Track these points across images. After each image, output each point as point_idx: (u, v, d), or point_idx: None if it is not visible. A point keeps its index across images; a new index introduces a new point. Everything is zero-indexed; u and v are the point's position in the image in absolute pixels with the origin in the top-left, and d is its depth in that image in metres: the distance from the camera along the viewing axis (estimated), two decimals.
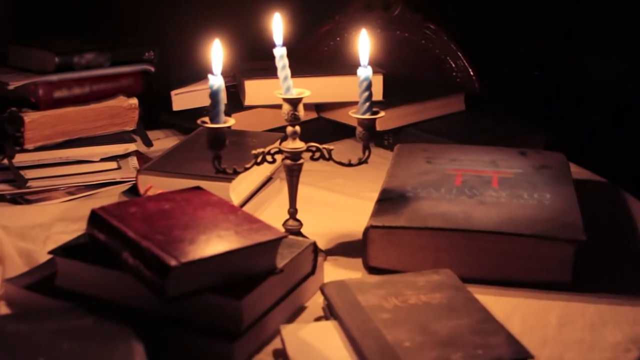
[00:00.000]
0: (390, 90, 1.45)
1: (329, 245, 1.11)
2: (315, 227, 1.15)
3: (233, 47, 1.64)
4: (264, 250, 0.86)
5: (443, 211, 1.04)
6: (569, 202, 1.07)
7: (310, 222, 1.17)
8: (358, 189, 1.30)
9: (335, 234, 1.14)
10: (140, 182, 1.14)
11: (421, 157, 1.23)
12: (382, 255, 1.02)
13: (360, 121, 1.03)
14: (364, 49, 1.02)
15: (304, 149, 1.03)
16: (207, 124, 0.98)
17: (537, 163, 1.20)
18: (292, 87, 1.01)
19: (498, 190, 1.10)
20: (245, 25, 1.65)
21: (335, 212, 1.21)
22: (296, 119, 1.01)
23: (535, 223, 1.01)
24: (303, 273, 0.95)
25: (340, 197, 1.26)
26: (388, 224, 1.01)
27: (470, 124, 1.49)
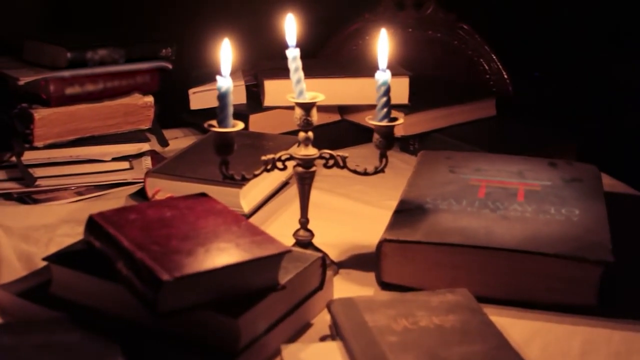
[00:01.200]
0: (417, 93, 1.39)
1: (342, 257, 1.05)
2: (329, 237, 1.09)
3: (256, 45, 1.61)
4: (265, 266, 0.81)
5: (463, 226, 0.98)
6: (599, 219, 1.01)
7: (324, 232, 1.11)
8: (378, 197, 1.24)
9: (349, 245, 1.08)
10: (149, 185, 1.10)
11: (444, 165, 1.17)
12: (396, 270, 0.96)
13: (377, 128, 0.97)
14: (383, 50, 0.97)
15: (316, 156, 0.98)
16: (214, 128, 0.93)
17: (567, 175, 1.14)
18: (305, 90, 0.96)
19: (523, 204, 1.04)
20: (269, 22, 1.60)
21: (352, 221, 1.16)
22: (309, 124, 0.96)
23: (561, 241, 0.94)
24: (310, 288, 0.90)
25: (359, 205, 1.21)
26: (403, 238, 0.96)
27: (501, 130, 1.42)
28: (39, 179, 1.20)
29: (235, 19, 1.44)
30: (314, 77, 1.35)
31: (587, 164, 1.19)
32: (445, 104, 1.39)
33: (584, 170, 1.16)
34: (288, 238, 1.01)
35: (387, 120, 0.97)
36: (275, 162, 0.97)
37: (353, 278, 1.00)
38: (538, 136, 1.39)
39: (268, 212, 1.12)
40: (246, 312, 0.79)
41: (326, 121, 1.40)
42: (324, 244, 1.06)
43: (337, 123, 1.41)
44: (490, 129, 1.41)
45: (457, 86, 1.52)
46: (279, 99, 1.34)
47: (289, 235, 1.01)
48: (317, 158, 0.98)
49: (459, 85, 1.53)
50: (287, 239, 1.02)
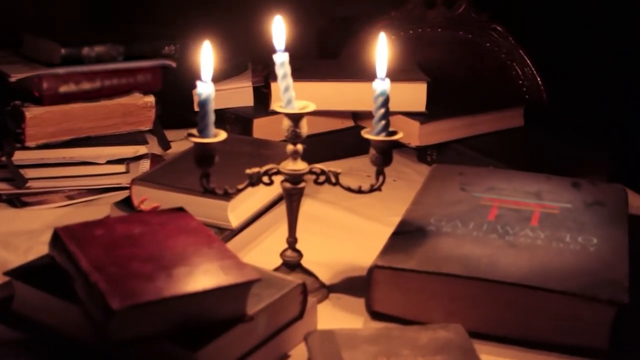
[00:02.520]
0: (439, 99, 1.30)
1: (334, 279, 0.97)
2: (324, 256, 1.02)
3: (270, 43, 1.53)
4: (230, 295, 0.74)
5: (464, 253, 0.89)
6: (618, 250, 0.91)
7: (319, 249, 1.03)
8: (385, 212, 1.15)
9: (345, 266, 1.00)
10: (134, 193, 1.03)
11: (456, 182, 1.08)
12: (387, 299, 0.88)
13: (373, 143, 0.89)
14: (382, 57, 0.88)
15: (305, 172, 0.90)
16: (193, 138, 0.86)
17: (590, 198, 1.03)
18: (294, 99, 0.88)
19: (536, 230, 0.94)
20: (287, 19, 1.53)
21: (352, 239, 1.07)
22: (297, 136, 0.88)
23: (572, 276, 0.85)
24: (287, 318, 0.82)
25: (362, 220, 1.12)
26: (396, 265, 0.87)
27: (528, 142, 1.32)
28: (31, 180, 1.14)
29: (250, 15, 1.37)
30: (324, 80, 1.28)
31: (614, 184, 1.09)
32: (467, 113, 1.30)
33: (609, 191, 1.06)
34: (278, 257, 0.94)
35: (384, 134, 0.88)
36: (261, 177, 0.90)
37: (343, 304, 0.92)
38: (568, 150, 1.28)
39: (261, 228, 1.04)
40: (207, 346, 0.72)
41: (339, 127, 1.32)
42: (316, 264, 0.98)
43: (350, 129, 1.32)
44: (516, 141, 1.31)
45: (484, 92, 1.42)
46: None
47: (277, 255, 0.93)
48: (307, 173, 0.90)
49: (487, 91, 1.43)
50: (277, 257, 0.94)
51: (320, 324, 0.87)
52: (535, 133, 1.34)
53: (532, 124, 1.39)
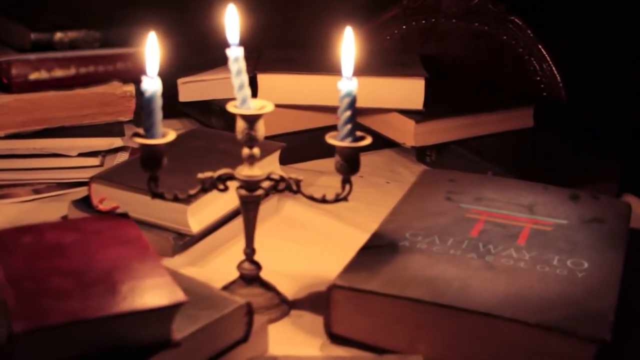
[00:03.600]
0: (440, 96, 1.21)
1: (299, 294, 0.89)
2: (292, 266, 0.94)
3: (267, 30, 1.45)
4: (152, 318, 0.66)
5: (435, 274, 0.80)
6: (609, 277, 0.81)
7: (289, 258, 0.96)
8: (372, 217, 1.06)
9: (313, 279, 0.92)
10: (93, 191, 0.96)
11: (443, 190, 0.98)
12: (347, 322, 0.80)
13: (338, 149, 0.80)
14: (348, 54, 0.79)
15: (262, 178, 0.82)
16: (138, 139, 0.78)
17: (589, 213, 0.94)
18: (249, 98, 0.80)
19: (522, 250, 0.85)
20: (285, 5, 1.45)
21: (328, 247, 0.99)
22: (252, 139, 0.80)
23: (551, 306, 0.75)
24: (230, 340, 0.75)
25: (344, 227, 1.04)
26: (356, 285, 0.79)
27: (535, 146, 1.21)
28: None
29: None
30: (317, 73, 1.20)
31: (617, 199, 0.99)
32: (469, 112, 1.20)
33: (610, 207, 0.96)
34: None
35: (350, 140, 0.80)
36: (215, 182, 0.82)
37: (303, 323, 0.84)
38: (578, 155, 1.17)
39: (228, 234, 0.96)
40: None
41: (333, 123, 1.22)
42: (282, 275, 0.91)
43: None
44: (522, 144, 1.21)
45: (494, 89, 1.31)
46: (274, 95, 1.18)
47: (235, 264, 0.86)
48: (264, 180, 0.82)
49: (497, 88, 1.33)
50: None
51: (273, 345, 0.79)
52: (545, 135, 1.24)
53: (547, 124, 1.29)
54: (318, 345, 0.80)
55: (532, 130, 1.25)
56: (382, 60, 1.25)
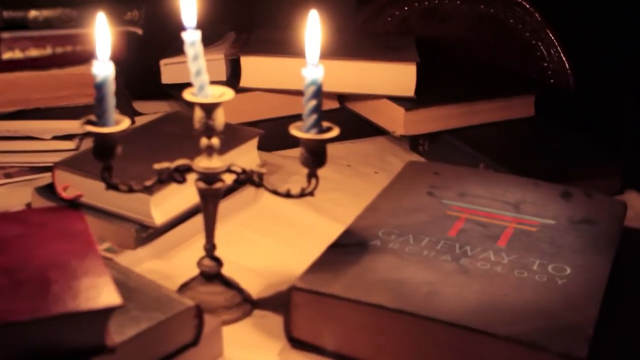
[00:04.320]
0: (435, 82, 1.15)
1: (264, 292, 0.84)
2: (262, 262, 0.89)
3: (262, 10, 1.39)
4: (83, 322, 0.62)
5: (403, 278, 0.75)
6: (593, 285, 0.75)
7: (259, 253, 0.91)
8: (354, 209, 0.98)
9: (282, 276, 0.86)
10: (57, 178, 0.92)
11: (426, 184, 0.93)
12: (308, 326, 0.75)
13: (302, 141, 0.75)
14: (313, 39, 0.74)
15: (222, 170, 0.77)
16: (89, 127, 0.74)
17: (580, 213, 0.87)
18: (207, 85, 0.75)
19: (501, 252, 0.79)
20: None
21: (303, 242, 0.93)
22: (210, 129, 0.75)
23: (525, 317, 0.70)
24: (178, 344, 0.70)
25: (322, 220, 0.98)
26: (317, 288, 0.74)
27: (534, 137, 1.14)
28: None
29: None
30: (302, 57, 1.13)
31: (613, 198, 0.93)
32: (465, 100, 1.13)
33: (604, 206, 0.89)
34: None
35: (315, 132, 0.75)
36: (172, 174, 0.77)
37: (265, 324, 0.79)
38: (580, 147, 1.11)
39: (195, 227, 0.91)
40: None
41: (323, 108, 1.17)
42: (250, 271, 0.86)
43: (334, 112, 1.18)
44: (520, 134, 1.14)
45: (495, 76, 1.25)
46: (259, 79, 1.13)
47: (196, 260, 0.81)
48: (224, 172, 0.77)
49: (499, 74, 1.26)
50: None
51: (230, 348, 0.75)
52: (546, 126, 1.17)
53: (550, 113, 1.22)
54: (278, 349, 0.76)
55: (533, 119, 1.19)
56: (375, 44, 1.18)
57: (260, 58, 1.12)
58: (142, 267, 0.87)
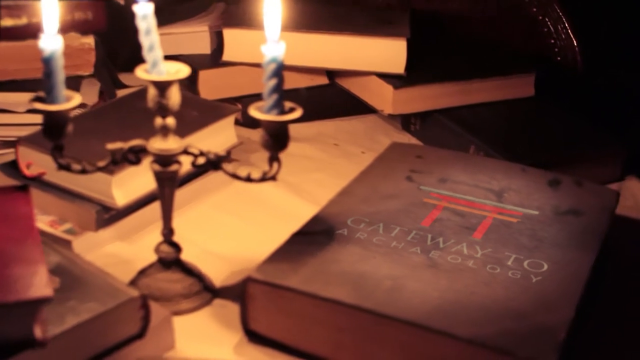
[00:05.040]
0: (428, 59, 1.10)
1: (229, 280, 0.80)
2: (229, 248, 0.85)
3: None
4: (10, 314, 0.58)
5: (365, 271, 0.70)
6: (571, 284, 0.69)
7: (228, 237, 0.87)
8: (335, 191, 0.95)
9: (249, 263, 0.81)
10: (21, 155, 0.88)
11: (406, 167, 0.88)
12: (266, 319, 0.70)
13: (262, 123, 0.70)
14: (272, 15, 0.69)
15: (178, 152, 0.72)
16: (38, 104, 0.70)
17: (566, 203, 0.82)
18: (161, 61, 0.70)
19: (476, 245, 0.74)
20: None
21: (276, 226, 0.87)
22: (164, 108, 0.70)
23: (492, 317, 0.65)
24: (122, 336, 0.66)
25: (300, 202, 0.93)
26: (274, 280, 0.69)
27: (531, 119, 1.08)
28: None
29: None
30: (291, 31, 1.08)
31: (605, 188, 0.87)
32: (458, 78, 1.07)
33: (594, 196, 0.84)
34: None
35: (276, 112, 0.70)
36: (126, 154, 0.73)
37: (224, 315, 0.75)
38: (579, 131, 1.04)
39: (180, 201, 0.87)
40: None
41: (309, 84, 1.12)
42: (216, 258, 0.82)
43: (322, 88, 1.13)
44: (516, 116, 1.08)
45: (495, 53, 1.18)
46: (243, 53, 1.08)
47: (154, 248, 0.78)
48: (180, 154, 0.72)
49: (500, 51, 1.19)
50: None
51: (184, 340, 0.71)
52: (546, 107, 1.11)
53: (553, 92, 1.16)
54: (234, 342, 0.71)
55: (533, 100, 1.13)
56: (367, 18, 1.13)
57: (244, 31, 1.07)
58: (104, 250, 0.84)
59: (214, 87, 1.07)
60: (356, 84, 1.10)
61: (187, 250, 0.82)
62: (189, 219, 0.89)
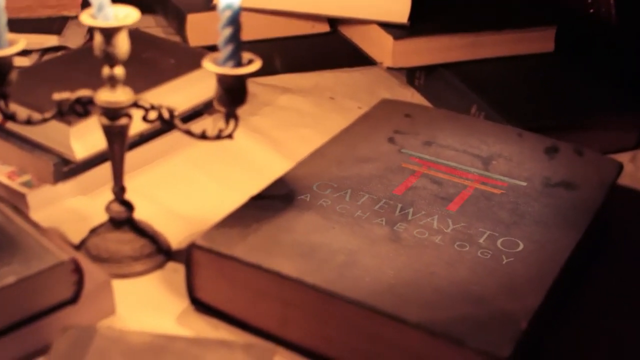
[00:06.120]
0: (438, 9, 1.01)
1: (186, 242, 0.74)
2: (196, 207, 0.80)
3: None
4: None
5: (319, 242, 0.64)
6: (545, 267, 0.62)
7: (196, 196, 0.82)
8: None
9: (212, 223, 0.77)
10: None
11: (390, 128, 0.81)
12: (212, 288, 0.65)
13: (218, 76, 0.64)
14: None
15: (127, 105, 0.67)
16: None
17: (559, 175, 0.74)
18: (107, 6, 0.64)
19: (448, 218, 0.67)
20: None
21: (249, 186, 0.81)
22: (111, 57, 0.65)
23: (449, 302, 0.58)
24: (52, 301, 0.62)
25: (281, 160, 0.86)
26: (217, 247, 0.64)
27: (548, 77, 0.99)
28: None
29: None
30: None
31: (608, 158, 0.78)
32: (466, 30, 0.99)
33: (594, 168, 0.75)
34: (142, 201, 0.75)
35: (232, 65, 0.64)
36: (73, 106, 0.68)
37: (175, 280, 0.70)
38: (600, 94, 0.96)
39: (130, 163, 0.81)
40: None
41: (309, 32, 1.05)
42: (179, 218, 0.78)
43: (322, 36, 1.05)
44: (532, 73, 0.99)
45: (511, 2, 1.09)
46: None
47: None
48: (129, 107, 0.67)
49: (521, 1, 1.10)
50: (141, 202, 0.75)
51: (126, 306, 0.66)
52: (565, 65, 1.02)
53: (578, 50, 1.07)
54: (179, 311, 0.67)
55: (551, 57, 1.04)
56: None
57: None
58: (63, 204, 0.79)
59: (204, 33, 1.00)
60: (358, 33, 1.02)
61: (148, 209, 0.77)
62: (157, 174, 0.84)
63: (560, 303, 0.66)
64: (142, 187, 0.81)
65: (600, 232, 0.75)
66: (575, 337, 0.64)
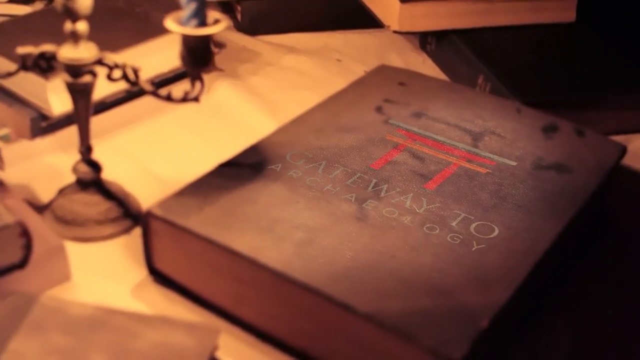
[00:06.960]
0: None
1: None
2: (174, 170, 0.77)
3: None
4: None
5: (280, 217, 0.60)
6: (519, 258, 0.58)
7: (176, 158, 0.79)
8: None
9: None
10: None
11: (381, 96, 0.76)
12: (169, 259, 0.63)
13: (181, 37, 0.61)
14: None
15: (90, 62, 0.63)
16: None
17: (553, 156, 0.69)
18: None
19: (423, 198, 0.63)
20: None
21: (233, 148, 0.77)
22: (71, 12, 0.61)
23: (406, 291, 0.55)
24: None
25: (271, 122, 0.82)
26: (172, 218, 0.61)
27: (564, 49, 0.93)
28: None
29: None
30: None
31: (610, 140, 0.72)
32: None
33: (592, 151, 0.70)
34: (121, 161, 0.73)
35: (195, 24, 0.60)
36: (37, 61, 0.65)
37: (138, 247, 0.67)
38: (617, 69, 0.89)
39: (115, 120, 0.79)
40: None
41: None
42: (155, 180, 0.75)
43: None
44: (548, 44, 0.93)
45: None
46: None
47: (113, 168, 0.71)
48: (92, 64, 0.64)
49: None
50: (120, 162, 0.74)
51: (83, 273, 0.64)
52: (585, 37, 0.95)
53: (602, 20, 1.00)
54: (136, 280, 0.64)
55: (571, 27, 0.97)
56: None
57: None
58: (42, 160, 0.77)
59: None
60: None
61: (125, 170, 0.75)
62: (142, 133, 0.81)
63: (540, 300, 0.61)
64: (124, 146, 0.79)
65: (599, 219, 0.71)
66: (560, 339, 0.59)
